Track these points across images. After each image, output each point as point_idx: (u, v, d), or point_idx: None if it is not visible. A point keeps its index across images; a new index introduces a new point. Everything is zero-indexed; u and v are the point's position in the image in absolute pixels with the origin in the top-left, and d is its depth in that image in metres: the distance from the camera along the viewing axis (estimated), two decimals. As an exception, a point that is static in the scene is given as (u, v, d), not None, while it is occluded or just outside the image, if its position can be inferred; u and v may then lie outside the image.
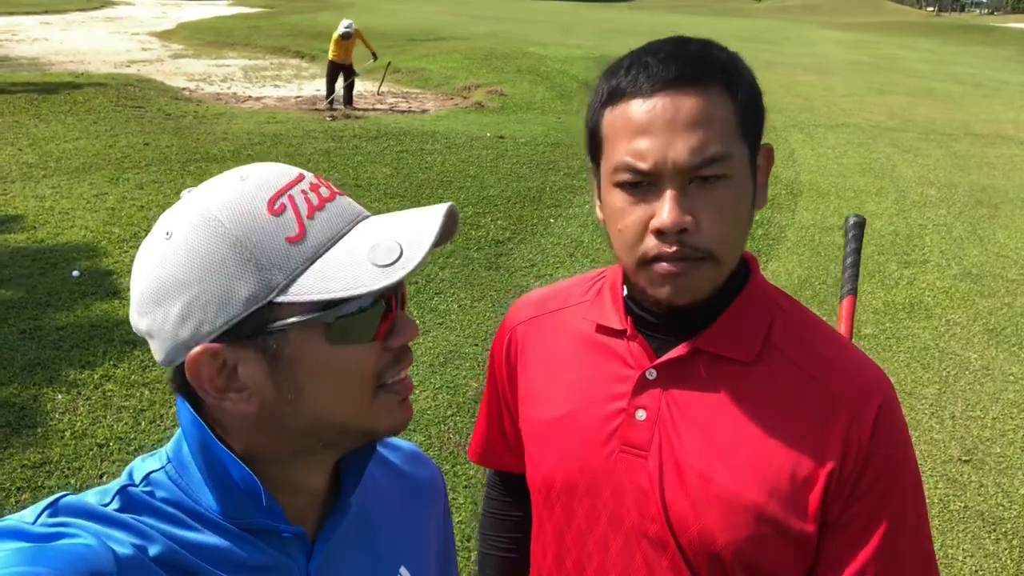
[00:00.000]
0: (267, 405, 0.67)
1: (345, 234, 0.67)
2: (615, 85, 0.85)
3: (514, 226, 6.45)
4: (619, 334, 0.96)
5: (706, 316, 0.91)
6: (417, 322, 0.68)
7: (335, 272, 0.64)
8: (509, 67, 16.14)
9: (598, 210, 0.94)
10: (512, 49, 18.45)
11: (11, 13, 29.45)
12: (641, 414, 0.92)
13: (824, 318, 1.45)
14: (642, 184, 0.82)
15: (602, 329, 0.98)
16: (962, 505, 3.29)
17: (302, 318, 0.64)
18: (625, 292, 0.96)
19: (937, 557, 2.94)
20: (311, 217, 0.66)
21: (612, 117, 0.85)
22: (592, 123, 0.89)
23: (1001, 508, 3.27)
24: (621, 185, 0.84)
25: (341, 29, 11.97)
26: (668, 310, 0.90)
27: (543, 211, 6.86)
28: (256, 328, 0.64)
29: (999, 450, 3.68)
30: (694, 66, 0.82)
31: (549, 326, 1.04)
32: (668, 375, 0.91)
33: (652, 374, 0.92)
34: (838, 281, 5.84)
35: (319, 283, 0.64)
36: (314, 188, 0.69)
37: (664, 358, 0.91)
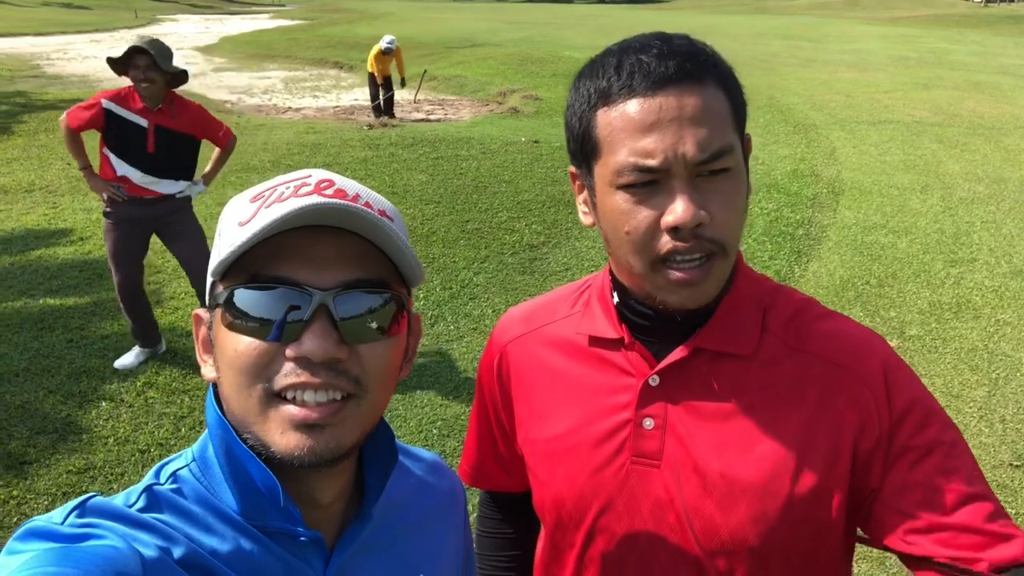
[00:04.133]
0: (219, 382, 0.69)
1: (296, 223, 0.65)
2: (607, 86, 0.82)
3: (548, 230, 6.44)
4: (615, 344, 0.94)
5: (700, 314, 0.89)
6: (335, 347, 0.65)
7: (224, 248, 0.67)
8: (544, 72, 16.15)
9: (583, 216, 0.92)
10: (547, 54, 18.47)
11: (64, 32, 30.50)
12: (649, 422, 0.90)
13: (867, 319, 1.41)
14: (648, 183, 0.80)
15: (596, 341, 0.96)
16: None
17: (218, 295, 0.67)
18: (616, 300, 0.94)
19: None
20: (268, 206, 0.66)
21: (608, 118, 0.82)
22: (581, 126, 0.85)
23: (1055, 515, 3.15)
24: (625, 187, 0.81)
25: (383, 44, 12.05)
26: (664, 313, 0.88)
27: (577, 215, 6.82)
28: (211, 300, 0.70)
29: (1053, 455, 3.54)
30: (691, 63, 0.80)
31: (539, 342, 1.02)
32: (671, 380, 0.90)
33: (655, 380, 0.90)
34: (881, 281, 5.73)
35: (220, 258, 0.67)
36: (306, 185, 0.68)
37: (665, 362, 0.89)
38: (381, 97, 12.17)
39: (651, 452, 0.89)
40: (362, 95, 14.07)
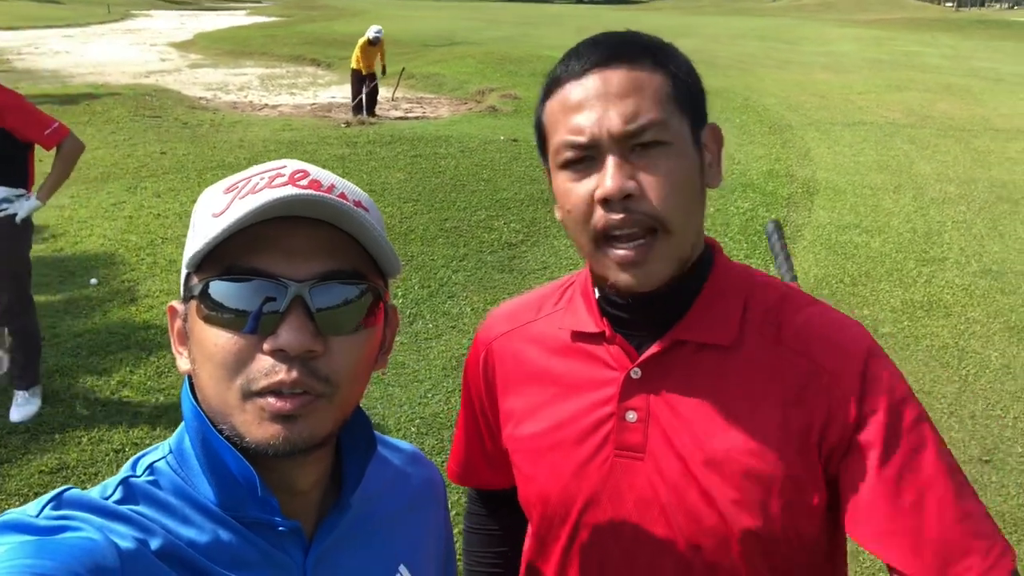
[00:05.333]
0: (194, 374, 0.69)
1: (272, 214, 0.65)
2: (551, 77, 0.88)
3: (527, 229, 6.45)
4: (597, 338, 0.94)
5: (680, 306, 0.90)
6: (311, 339, 0.65)
7: (198, 239, 0.66)
8: (523, 70, 16.16)
9: (556, 211, 0.92)
10: (526, 53, 18.49)
11: (35, 27, 29.99)
12: (632, 415, 0.90)
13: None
14: (584, 160, 0.82)
15: (578, 335, 0.96)
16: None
17: (193, 287, 0.67)
18: (597, 294, 0.95)
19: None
20: (242, 197, 0.66)
21: (551, 105, 0.87)
22: (536, 119, 0.90)
23: (1022, 509, 3.21)
24: (564, 166, 0.84)
25: (371, 35, 11.90)
26: (640, 304, 0.89)
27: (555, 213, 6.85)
28: (186, 292, 0.69)
29: (1020, 450, 3.62)
30: (622, 46, 0.84)
31: (524, 339, 1.02)
32: (653, 372, 0.90)
33: (637, 373, 0.90)
34: (855, 280, 5.81)
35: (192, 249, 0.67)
36: (281, 176, 0.68)
37: (646, 355, 0.90)
38: (365, 90, 12.05)
39: (634, 445, 0.90)
40: (340, 93, 13.96)
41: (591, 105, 0.82)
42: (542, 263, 5.78)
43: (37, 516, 0.59)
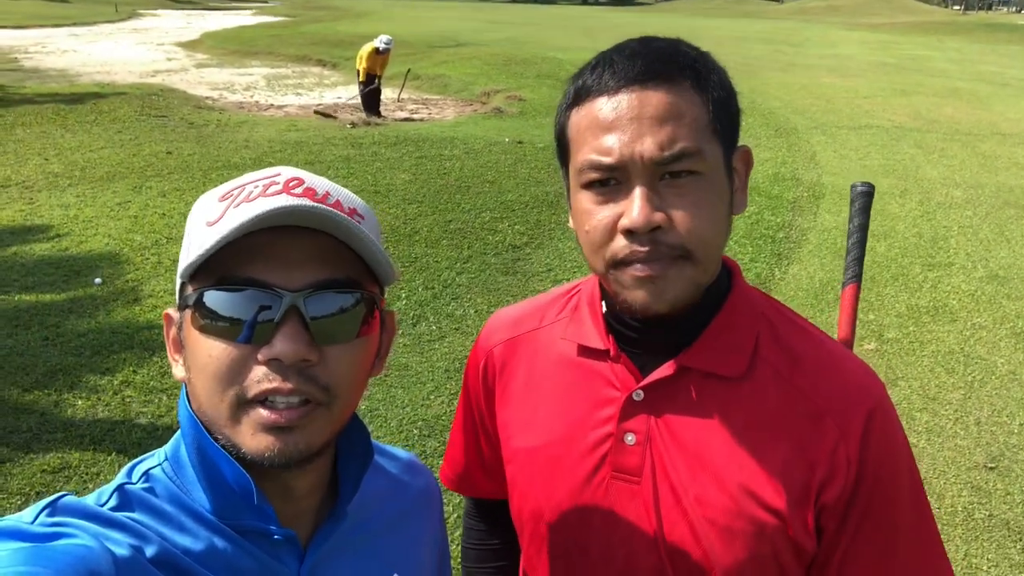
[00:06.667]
0: (189, 383, 0.69)
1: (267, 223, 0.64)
2: (580, 85, 0.82)
3: (531, 231, 6.44)
4: (602, 355, 0.91)
5: (690, 330, 0.87)
6: (306, 348, 0.65)
7: (193, 250, 0.66)
8: (528, 72, 16.17)
9: (571, 217, 0.90)
10: (531, 54, 18.50)
11: (42, 26, 30.12)
12: (630, 438, 0.88)
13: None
14: (609, 183, 0.78)
15: (584, 350, 0.93)
16: (987, 514, 3.21)
17: (188, 296, 0.67)
18: (604, 308, 0.92)
19: (961, 567, 2.86)
20: (236, 206, 0.65)
21: (578, 117, 0.82)
22: (559, 126, 0.86)
23: (1028, 516, 3.19)
24: (588, 185, 0.80)
25: (381, 46, 11.90)
26: (650, 324, 0.86)
27: (560, 216, 6.84)
28: (181, 301, 0.69)
29: (1026, 457, 3.60)
30: (661, 62, 0.78)
31: (527, 348, 0.99)
32: (656, 396, 0.87)
33: (639, 395, 0.88)
34: (862, 285, 5.74)
35: (188, 259, 0.67)
36: (275, 184, 0.68)
37: (650, 378, 0.87)
38: (363, 90, 12.05)
39: (631, 468, 0.87)
40: (346, 93, 13.96)
41: (624, 126, 0.77)
42: (546, 265, 5.77)
43: (32, 523, 0.58)
